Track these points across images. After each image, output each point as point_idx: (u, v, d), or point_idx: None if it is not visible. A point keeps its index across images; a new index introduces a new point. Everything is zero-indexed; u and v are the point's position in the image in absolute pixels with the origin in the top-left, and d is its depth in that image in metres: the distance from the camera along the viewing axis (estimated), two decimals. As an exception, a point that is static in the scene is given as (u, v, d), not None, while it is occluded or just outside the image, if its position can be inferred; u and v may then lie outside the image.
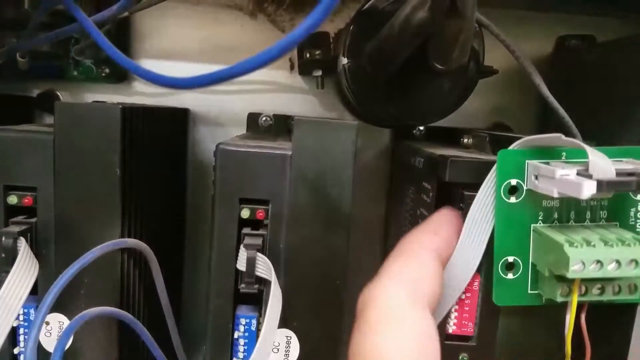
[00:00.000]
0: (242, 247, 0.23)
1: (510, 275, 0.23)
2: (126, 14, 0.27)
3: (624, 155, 0.22)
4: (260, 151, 0.24)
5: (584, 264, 0.19)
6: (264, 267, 0.23)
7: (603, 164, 0.20)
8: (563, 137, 0.21)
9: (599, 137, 0.28)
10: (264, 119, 0.36)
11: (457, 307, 0.25)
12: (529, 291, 0.23)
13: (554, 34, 0.37)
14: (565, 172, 0.20)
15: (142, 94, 0.37)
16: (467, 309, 0.25)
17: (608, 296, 0.21)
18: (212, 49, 0.36)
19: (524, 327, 0.24)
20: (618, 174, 0.20)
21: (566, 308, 0.22)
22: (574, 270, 0.19)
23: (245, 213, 0.24)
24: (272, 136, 0.32)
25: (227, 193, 0.24)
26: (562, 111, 0.24)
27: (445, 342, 0.25)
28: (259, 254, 0.23)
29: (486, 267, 0.23)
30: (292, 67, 0.36)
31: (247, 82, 0.37)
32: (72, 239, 0.24)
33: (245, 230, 0.24)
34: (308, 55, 0.33)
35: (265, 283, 0.24)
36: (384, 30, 0.22)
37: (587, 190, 0.19)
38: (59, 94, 0.37)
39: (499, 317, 0.24)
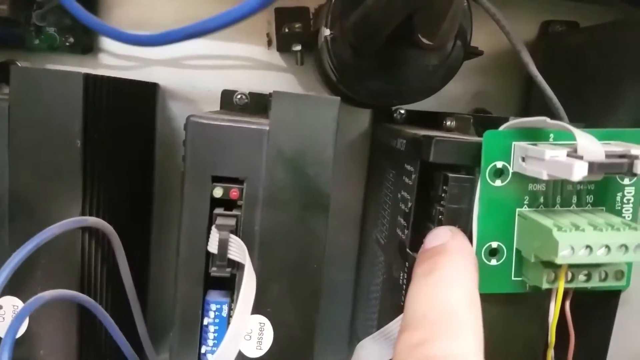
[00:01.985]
0: (213, 228, 0.22)
1: (493, 262, 0.22)
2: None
3: (612, 137, 0.22)
4: (235, 125, 0.22)
5: (573, 249, 0.19)
6: (237, 250, 0.22)
7: (593, 146, 0.19)
8: (548, 120, 0.20)
9: (592, 121, 0.28)
10: (239, 96, 0.34)
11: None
12: (513, 278, 0.22)
13: (538, 20, 0.36)
14: (555, 154, 0.19)
15: (110, 67, 0.34)
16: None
17: (594, 283, 0.21)
18: (184, 19, 0.34)
19: (506, 315, 0.24)
20: (608, 155, 0.19)
21: (550, 296, 0.22)
22: (563, 256, 0.19)
23: (217, 192, 0.22)
24: (248, 114, 0.30)
25: (199, 170, 0.22)
26: (549, 91, 0.23)
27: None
28: (232, 236, 0.22)
29: (477, 253, 0.23)
30: (269, 43, 0.35)
31: (221, 57, 0.35)
32: (27, 216, 0.23)
33: (218, 210, 0.23)
34: (287, 29, 0.32)
35: (238, 267, 0.23)
36: (366, 5, 0.21)
37: (579, 171, 0.18)
38: (18, 64, 0.34)
39: (483, 304, 0.23)
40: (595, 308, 0.25)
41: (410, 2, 0.19)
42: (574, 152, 0.19)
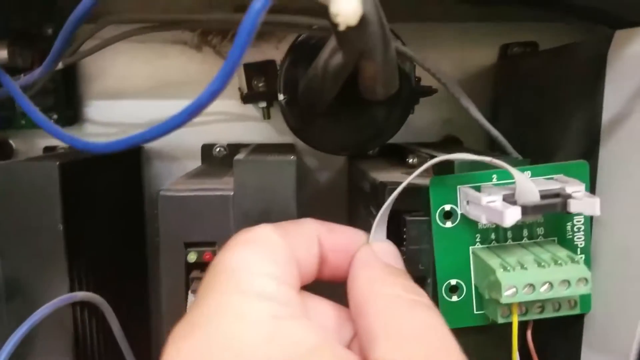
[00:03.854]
0: (190, 293, 0.24)
1: (454, 298, 0.23)
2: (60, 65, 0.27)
3: (556, 171, 0.23)
4: (202, 194, 0.24)
5: (516, 288, 0.20)
6: (214, 310, 0.24)
7: (528, 187, 0.20)
8: (491, 159, 0.21)
9: (542, 148, 0.29)
10: (217, 149, 0.36)
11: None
12: (475, 312, 0.23)
13: (498, 43, 0.37)
14: (492, 199, 0.20)
15: (95, 135, 0.37)
16: (420, 331, 0.25)
17: (549, 314, 0.22)
18: (160, 84, 0.36)
19: (477, 344, 0.25)
20: (543, 195, 0.20)
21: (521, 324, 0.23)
22: (507, 296, 0.20)
23: (192, 257, 0.24)
24: (225, 168, 0.32)
25: (172, 238, 0.24)
26: (494, 131, 0.24)
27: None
28: (208, 298, 0.23)
29: (432, 289, 0.24)
30: (242, 97, 0.37)
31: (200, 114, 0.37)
32: (21, 297, 0.25)
33: (194, 273, 0.24)
34: (255, 82, 0.34)
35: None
36: (309, 71, 0.22)
37: (510, 218, 0.19)
38: (11, 142, 0.36)
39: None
40: (562, 332, 0.26)
41: (340, 75, 0.20)
42: (511, 195, 0.20)
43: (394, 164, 0.32)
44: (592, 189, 0.23)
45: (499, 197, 0.20)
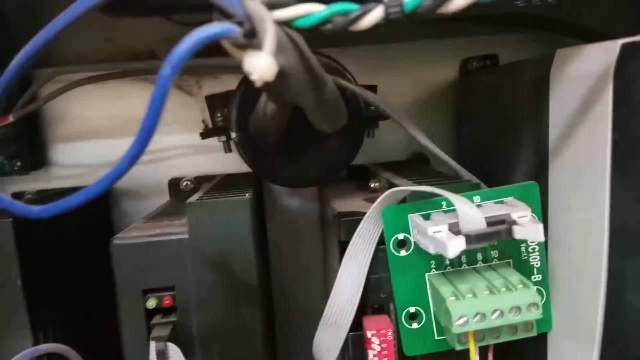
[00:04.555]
0: (151, 341, 0.24)
1: (415, 325, 0.23)
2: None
3: (505, 194, 0.23)
4: (155, 240, 0.24)
5: (467, 317, 0.20)
6: (176, 356, 0.23)
7: (472, 215, 0.20)
8: (434, 189, 0.21)
9: (500, 167, 0.29)
10: (184, 183, 0.36)
11: (375, 359, 0.25)
12: (436, 337, 0.23)
13: (458, 58, 0.37)
14: (437, 229, 0.20)
15: (61, 178, 0.37)
16: (385, 359, 0.25)
17: (505, 338, 0.22)
18: (123, 122, 0.36)
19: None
20: (489, 223, 0.20)
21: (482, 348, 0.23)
22: (458, 325, 0.20)
23: (150, 303, 0.24)
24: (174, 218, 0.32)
25: (129, 286, 0.24)
26: (444, 156, 0.24)
27: (371, 395, 0.25)
28: (169, 344, 0.23)
29: (395, 317, 0.24)
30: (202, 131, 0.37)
31: (165, 149, 0.37)
32: (-16, 354, 0.24)
33: (156, 319, 0.24)
34: (218, 114, 0.34)
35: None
36: (254, 111, 0.22)
37: (453, 250, 0.19)
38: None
39: (418, 364, 0.25)
40: (528, 352, 0.26)
41: (279, 119, 0.20)
42: (457, 223, 0.20)
43: (359, 187, 0.32)
44: (544, 209, 0.23)
45: (445, 226, 0.20)
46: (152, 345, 0.23)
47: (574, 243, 0.22)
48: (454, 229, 0.20)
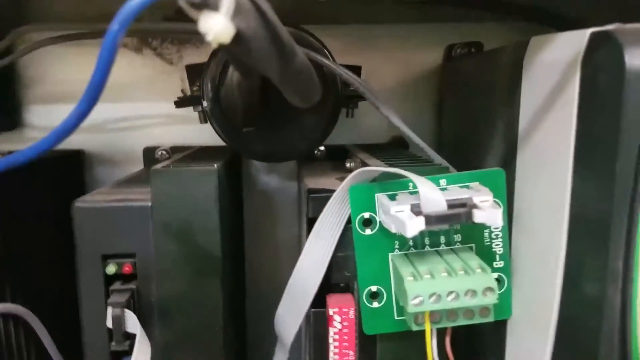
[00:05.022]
0: (109, 306, 0.23)
1: (375, 304, 0.23)
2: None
3: (471, 179, 0.23)
4: (118, 205, 0.24)
5: (422, 297, 0.20)
6: (133, 323, 0.23)
7: (434, 197, 0.20)
8: (397, 170, 0.21)
9: (474, 154, 0.29)
10: (160, 153, 0.36)
11: (336, 337, 0.25)
12: (396, 318, 0.23)
13: (443, 44, 0.37)
14: (400, 208, 0.20)
15: (34, 140, 0.36)
16: (346, 337, 0.25)
17: (462, 321, 0.22)
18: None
19: (403, 351, 0.25)
20: (450, 205, 0.20)
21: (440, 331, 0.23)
22: (414, 304, 0.20)
23: (110, 269, 0.24)
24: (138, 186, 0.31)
25: (89, 250, 0.24)
26: (415, 138, 0.24)
27: (328, 373, 0.25)
28: (126, 310, 0.23)
29: (358, 296, 0.24)
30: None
31: (141, 117, 0.36)
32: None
33: (115, 285, 0.24)
34: (197, 84, 0.33)
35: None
36: (225, 81, 0.22)
37: (412, 229, 0.19)
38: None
39: (377, 343, 0.25)
40: (486, 338, 0.26)
41: (246, 87, 0.20)
42: (419, 204, 0.20)
43: (335, 167, 0.32)
44: (509, 196, 0.23)
45: (407, 206, 0.20)
46: (109, 311, 0.23)
47: (536, 231, 0.22)
48: (416, 210, 0.20)
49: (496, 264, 0.24)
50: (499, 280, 0.24)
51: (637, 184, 0.17)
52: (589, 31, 0.18)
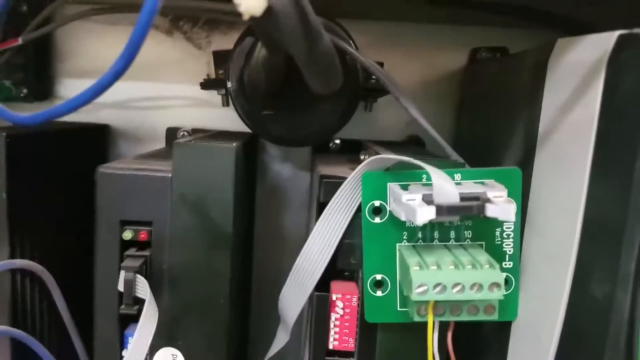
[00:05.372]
0: (121, 270, 0.24)
1: (379, 293, 0.24)
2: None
3: (487, 176, 0.23)
4: (140, 174, 0.24)
5: (427, 286, 0.20)
6: (143, 288, 0.24)
7: (447, 188, 0.20)
8: (412, 160, 0.21)
9: (493, 155, 0.29)
10: (181, 133, 0.36)
11: (337, 322, 0.25)
12: (399, 308, 0.24)
13: (468, 47, 0.37)
14: (411, 197, 0.20)
15: (64, 112, 0.37)
16: (347, 324, 0.25)
17: (466, 317, 0.22)
18: (130, 67, 0.37)
19: (403, 343, 0.25)
20: (463, 198, 0.20)
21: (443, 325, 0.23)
22: (418, 293, 0.20)
23: (127, 235, 0.25)
24: (162, 159, 0.32)
25: (108, 215, 0.24)
26: (433, 132, 0.24)
27: (327, 357, 0.26)
28: (138, 275, 0.24)
29: (362, 284, 0.24)
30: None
31: (166, 97, 0.37)
32: (-39, 261, 0.25)
33: (130, 251, 0.25)
34: (221, 72, 0.34)
35: (148, 304, 0.25)
36: (251, 61, 0.22)
37: (422, 216, 0.19)
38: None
39: (378, 333, 0.25)
40: (489, 339, 0.26)
41: (270, 66, 0.20)
42: (431, 195, 0.20)
43: (350, 159, 0.32)
44: (525, 196, 0.23)
45: (419, 195, 0.20)
46: (122, 275, 0.24)
47: (548, 233, 0.22)
48: (427, 199, 0.20)
49: (505, 264, 0.24)
50: (506, 280, 0.24)
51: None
52: (616, 33, 0.18)
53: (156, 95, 0.37)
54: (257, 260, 0.38)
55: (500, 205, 0.20)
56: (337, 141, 0.36)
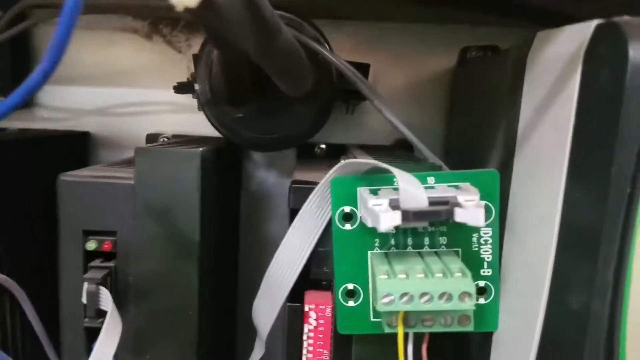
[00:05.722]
0: (84, 282, 0.23)
1: (351, 303, 0.22)
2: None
3: (463, 179, 0.22)
4: (102, 181, 0.24)
5: (394, 296, 0.19)
6: (106, 301, 0.23)
7: (414, 193, 0.19)
8: (378, 163, 0.20)
9: (479, 155, 0.27)
10: (162, 139, 0.36)
11: (311, 334, 0.24)
12: (372, 319, 0.22)
13: (458, 46, 0.36)
14: (378, 202, 0.19)
15: (45, 119, 0.37)
16: (321, 336, 0.24)
17: (440, 328, 0.21)
18: (110, 72, 0.36)
19: (379, 355, 0.24)
20: (432, 202, 0.19)
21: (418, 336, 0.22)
22: (384, 303, 0.19)
23: (90, 245, 0.24)
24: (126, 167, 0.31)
25: (71, 225, 0.24)
26: (409, 135, 0.23)
27: (302, 371, 0.24)
28: (101, 287, 0.23)
29: (336, 294, 0.23)
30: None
31: (147, 103, 0.37)
32: None
33: (95, 262, 0.24)
34: (188, 78, 0.33)
35: (113, 315, 0.24)
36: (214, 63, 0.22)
37: (385, 222, 0.18)
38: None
39: (353, 345, 0.24)
40: (471, 351, 0.25)
41: (225, 63, 0.19)
42: (398, 200, 0.19)
43: (332, 164, 0.31)
44: (505, 201, 0.22)
45: (386, 200, 0.19)
46: (85, 287, 0.23)
47: (526, 238, 0.21)
48: (394, 204, 0.19)
49: (483, 272, 0.22)
50: (485, 289, 0.22)
51: (635, 188, 0.16)
52: (594, 22, 0.17)
53: (137, 101, 0.37)
54: (243, 268, 0.37)
55: (469, 210, 0.18)
56: (323, 146, 0.35)
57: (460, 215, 0.18)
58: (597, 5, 0.27)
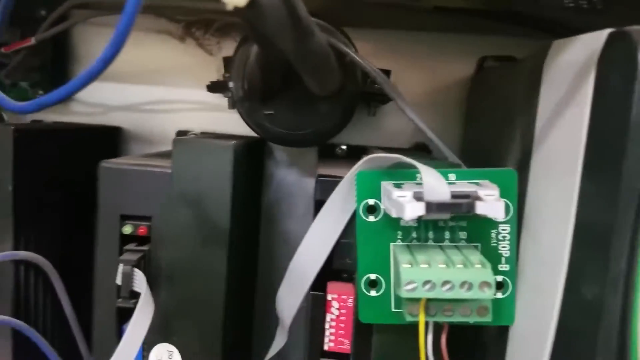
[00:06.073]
0: (120, 263, 0.25)
1: (373, 293, 0.23)
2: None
3: (482, 177, 0.23)
4: (141, 169, 0.25)
5: (416, 284, 0.20)
6: (140, 282, 0.24)
7: (437, 186, 0.20)
8: (402, 158, 0.21)
9: (496, 160, 0.28)
10: (191, 136, 0.37)
11: (333, 323, 0.25)
12: (393, 309, 0.23)
13: (476, 56, 0.37)
14: (402, 194, 0.20)
15: (79, 114, 0.39)
16: (342, 325, 0.25)
17: (458, 318, 0.22)
18: (144, 71, 0.38)
19: (399, 345, 0.25)
20: (454, 195, 0.20)
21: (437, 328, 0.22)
22: (407, 290, 0.20)
23: (127, 229, 0.25)
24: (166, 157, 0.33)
25: (109, 209, 0.25)
26: (430, 133, 0.25)
27: (322, 359, 0.25)
28: (135, 269, 0.24)
29: (358, 284, 0.24)
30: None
31: (177, 101, 0.38)
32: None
33: (129, 246, 0.25)
34: (220, 78, 0.35)
35: (145, 297, 0.25)
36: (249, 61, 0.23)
37: (410, 212, 0.19)
38: (3, 114, 0.39)
39: (373, 335, 0.25)
40: (487, 344, 0.26)
41: (262, 62, 0.21)
42: (422, 193, 0.20)
43: (352, 163, 0.33)
44: (521, 199, 0.23)
45: (410, 192, 0.20)
46: (120, 268, 0.24)
47: (542, 235, 0.22)
48: (418, 196, 0.20)
49: (501, 267, 0.23)
50: (502, 284, 0.23)
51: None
52: (607, 31, 0.18)
53: (168, 99, 0.38)
54: (263, 264, 0.38)
55: (490, 203, 0.19)
56: (344, 147, 0.36)
57: (481, 208, 0.19)
58: (607, 17, 0.29)
